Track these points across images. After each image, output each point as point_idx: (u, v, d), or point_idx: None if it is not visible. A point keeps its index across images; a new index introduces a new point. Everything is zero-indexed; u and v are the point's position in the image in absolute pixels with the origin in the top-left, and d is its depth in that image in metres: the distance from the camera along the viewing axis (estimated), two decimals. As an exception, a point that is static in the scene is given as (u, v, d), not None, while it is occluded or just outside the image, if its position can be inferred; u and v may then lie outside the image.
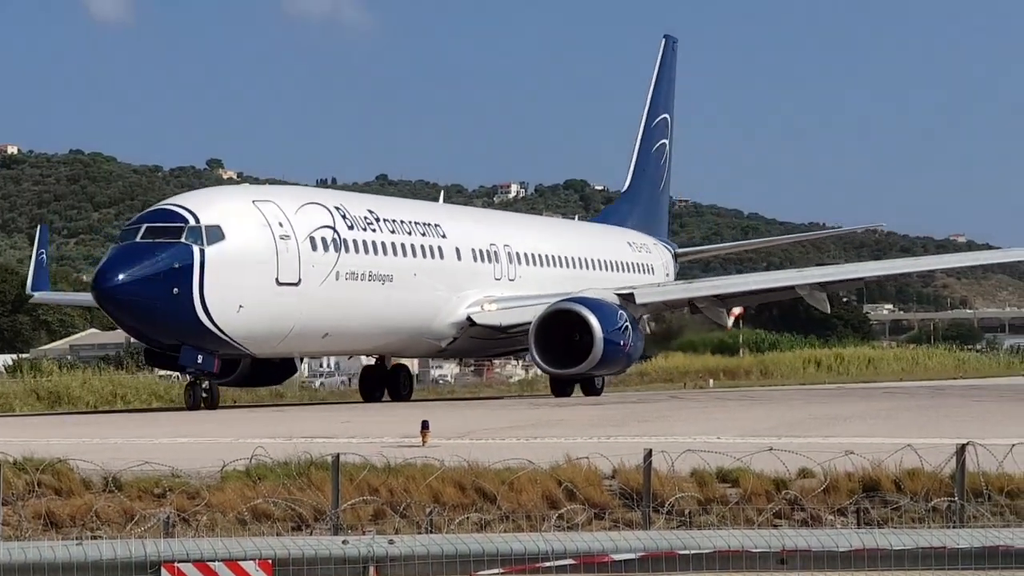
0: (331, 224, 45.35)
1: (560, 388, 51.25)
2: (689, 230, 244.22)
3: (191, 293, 40.78)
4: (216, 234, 41.49)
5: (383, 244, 47.48)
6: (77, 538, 14.71)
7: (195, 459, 19.10)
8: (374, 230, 47.24)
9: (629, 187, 71.06)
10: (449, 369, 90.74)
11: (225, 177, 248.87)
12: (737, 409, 35.75)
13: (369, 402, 50.28)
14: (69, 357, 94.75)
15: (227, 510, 16.57)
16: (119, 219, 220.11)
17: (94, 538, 14.60)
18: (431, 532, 14.89)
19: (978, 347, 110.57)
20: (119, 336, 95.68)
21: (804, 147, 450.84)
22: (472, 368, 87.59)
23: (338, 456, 16.33)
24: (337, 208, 45.91)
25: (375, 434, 26.72)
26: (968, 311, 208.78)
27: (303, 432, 26.83)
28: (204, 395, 41.82)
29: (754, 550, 13.12)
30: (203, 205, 42.60)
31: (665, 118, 72.10)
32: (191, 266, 40.86)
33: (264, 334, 42.90)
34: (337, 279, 44.58)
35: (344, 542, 12.80)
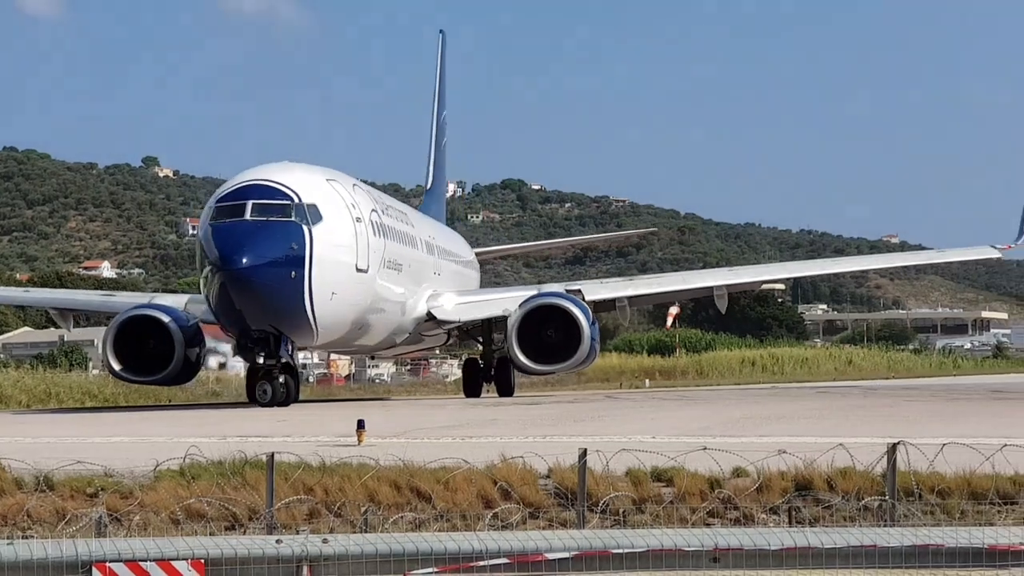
0: (376, 208, 44.29)
1: (473, 388, 51.27)
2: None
3: (303, 277, 38.95)
4: (316, 214, 39.64)
5: (402, 233, 46.88)
6: (8, 538, 14.60)
7: (129, 458, 18.98)
8: (391, 217, 46.35)
9: (432, 184, 70.56)
10: (385, 368, 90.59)
11: (161, 175, 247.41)
12: (673, 409, 35.88)
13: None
14: (1, 356, 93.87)
15: (160, 510, 16.46)
16: (53, 217, 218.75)
17: (25, 538, 14.47)
18: (366, 531, 14.85)
19: (910, 347, 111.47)
20: (52, 335, 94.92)
21: (742, 148, 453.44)
22: (408, 368, 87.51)
23: (272, 455, 16.27)
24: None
25: (311, 433, 26.64)
26: (901, 312, 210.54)
27: (238, 431, 26.71)
28: (283, 389, 39.57)
29: (687, 549, 13.20)
30: (295, 182, 40.34)
31: (446, 114, 71.23)
32: (304, 248, 39.02)
33: (337, 324, 41.36)
34: (382, 268, 43.29)
35: (278, 541, 12.78)
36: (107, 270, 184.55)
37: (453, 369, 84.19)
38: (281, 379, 39.48)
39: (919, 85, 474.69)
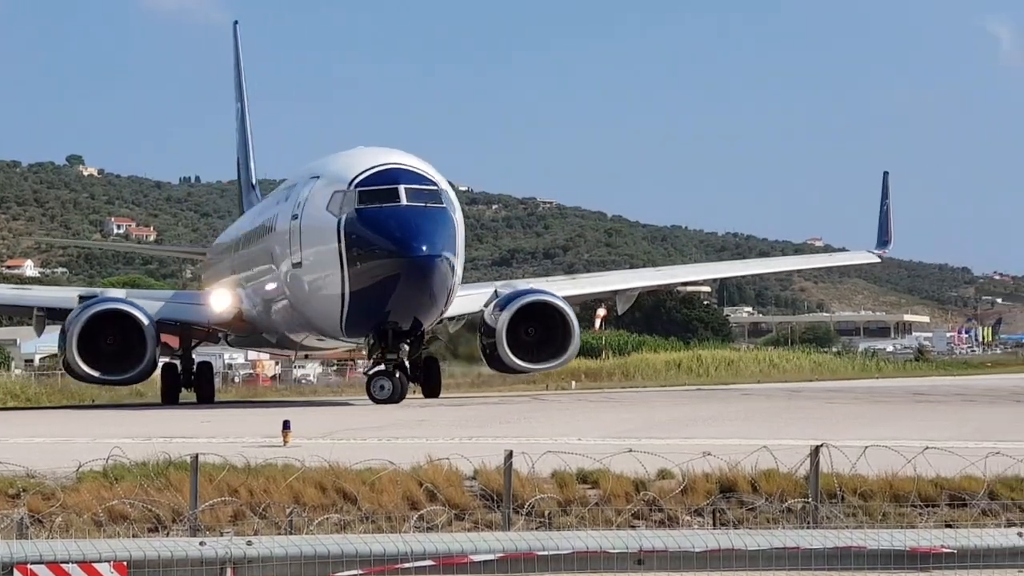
0: None
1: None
2: (553, 231, 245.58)
3: (453, 266, 37.51)
4: (450, 202, 38.29)
5: None
6: (-73, 540, 14.40)
7: (51, 459, 18.79)
8: None
9: (257, 179, 68.96)
10: (312, 369, 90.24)
11: (86, 174, 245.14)
12: (598, 411, 35.95)
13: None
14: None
15: (83, 511, 16.30)
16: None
17: (-55, 540, 14.28)
18: (290, 533, 14.78)
19: (834, 350, 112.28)
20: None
21: (669, 150, 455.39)
22: (335, 368, 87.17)
23: (196, 457, 16.14)
24: None
25: (236, 434, 26.48)
26: (825, 315, 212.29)
27: (162, 432, 26.51)
28: (400, 385, 38.49)
29: (612, 551, 13.23)
30: (424, 167, 38.75)
31: (241, 105, 68.43)
32: (455, 236, 37.74)
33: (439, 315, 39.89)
34: None
35: (201, 543, 12.69)
36: (30, 269, 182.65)
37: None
38: (398, 374, 38.29)
39: (843, 88, 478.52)
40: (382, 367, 38.19)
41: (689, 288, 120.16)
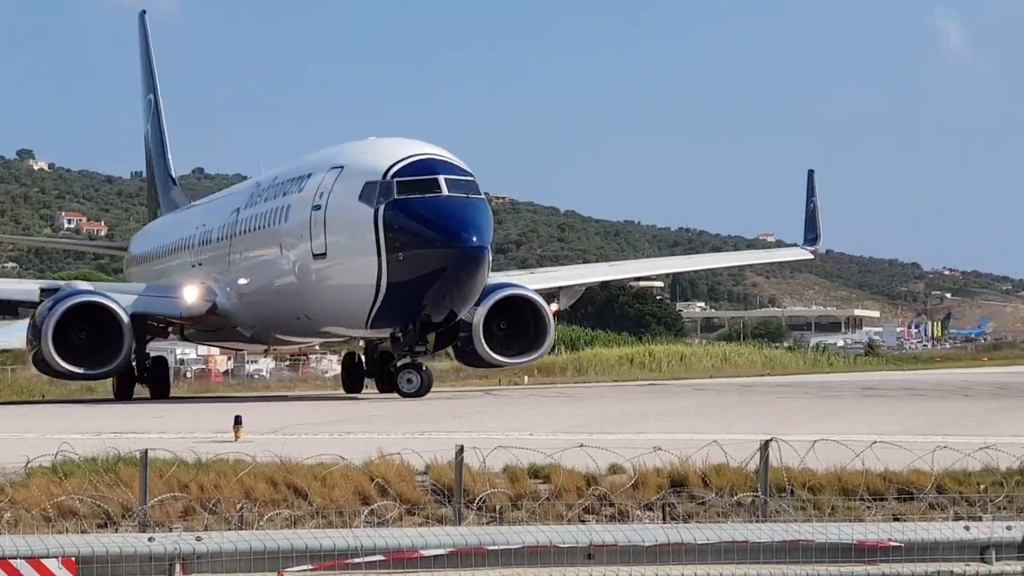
0: None
1: (353, 384, 49.80)
2: (506, 227, 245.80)
3: (489, 258, 37.31)
4: (481, 193, 38.09)
5: None
6: None
7: None
8: None
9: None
10: (264, 364, 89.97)
11: (36, 168, 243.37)
12: (551, 406, 35.99)
13: None
14: None
15: (32, 507, 16.21)
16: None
17: None
18: (241, 529, 14.73)
19: (785, 345, 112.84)
20: None
21: (622, 145, 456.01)
22: (287, 363, 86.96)
23: (146, 452, 16.07)
24: None
25: (187, 429, 26.38)
26: (776, 310, 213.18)
27: (113, 428, 26.38)
28: (426, 378, 37.89)
29: (562, 545, 13.29)
30: (451, 155, 38.28)
31: (151, 97, 67.74)
32: (491, 226, 37.61)
33: None
34: None
35: (150, 539, 12.68)
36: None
37: (333, 364, 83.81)
38: (424, 367, 37.88)
39: (795, 84, 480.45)
40: (408, 360, 37.70)
41: (642, 283, 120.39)
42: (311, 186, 39.08)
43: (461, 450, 16.46)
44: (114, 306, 42.05)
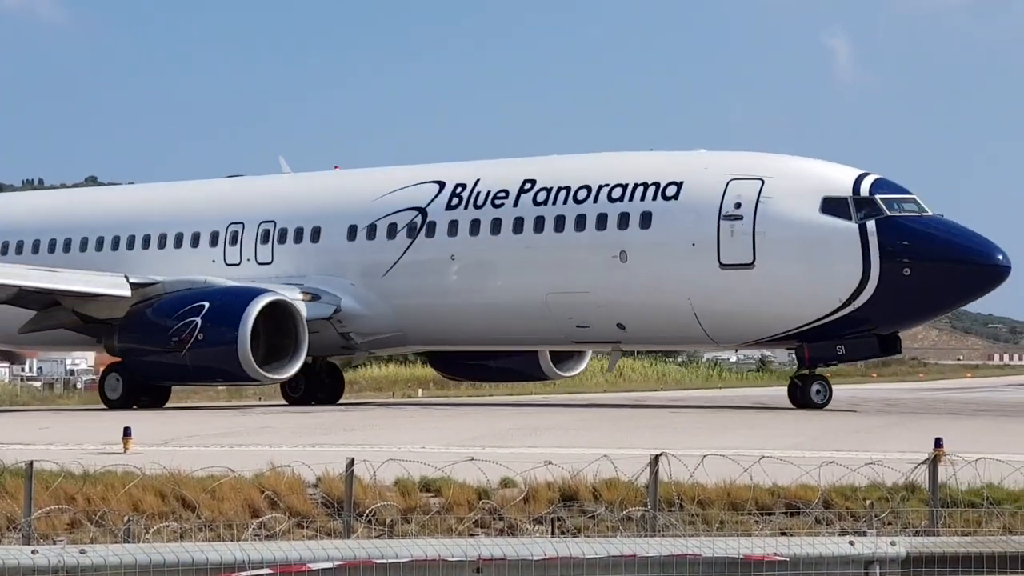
0: None
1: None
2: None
3: None
4: None
5: None
6: None
7: None
8: None
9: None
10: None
11: None
12: (444, 419, 35.95)
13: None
14: None
15: (-88, 519, 15.95)
16: None
17: None
18: (127, 541, 14.57)
19: (679, 360, 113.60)
20: None
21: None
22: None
23: (31, 463, 15.89)
24: None
25: (75, 440, 26.06)
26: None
27: (-1, 438, 26.02)
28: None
29: (451, 559, 13.29)
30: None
31: None
32: None
33: None
34: None
35: (33, 552, 12.52)
36: None
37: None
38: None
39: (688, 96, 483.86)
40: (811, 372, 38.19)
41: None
42: (698, 196, 37.76)
43: (351, 463, 16.43)
44: (299, 309, 39.87)
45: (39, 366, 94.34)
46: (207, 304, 39.29)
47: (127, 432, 23.73)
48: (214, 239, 43.69)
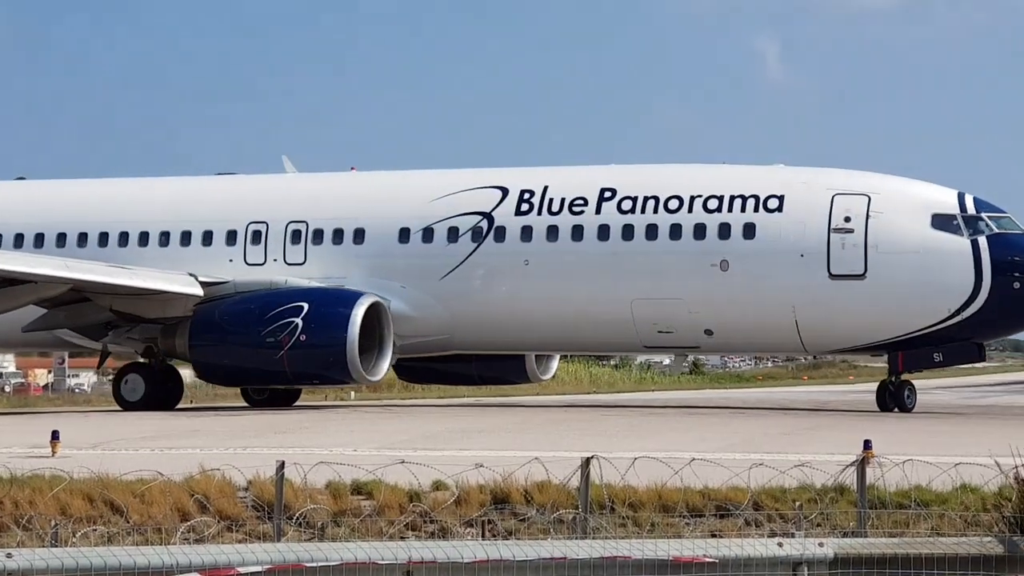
0: None
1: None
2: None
3: None
4: None
5: None
6: None
7: None
8: None
9: None
10: (86, 378, 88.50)
11: None
12: (376, 422, 35.90)
13: None
14: None
15: None
16: None
17: None
18: (54, 546, 14.47)
19: (612, 363, 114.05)
20: None
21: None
22: (109, 377, 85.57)
23: (-42, 467, 15.75)
24: None
25: (2, 444, 25.82)
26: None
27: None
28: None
29: (381, 562, 13.32)
30: None
31: None
32: None
33: None
34: None
35: (-42, 557, 12.39)
36: None
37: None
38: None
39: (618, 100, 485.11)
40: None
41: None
42: (804, 209, 38.75)
43: (282, 466, 16.40)
44: (385, 303, 39.86)
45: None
46: (306, 305, 38.96)
47: (55, 435, 23.53)
48: (231, 238, 42.60)
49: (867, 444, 19.53)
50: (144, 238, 43.44)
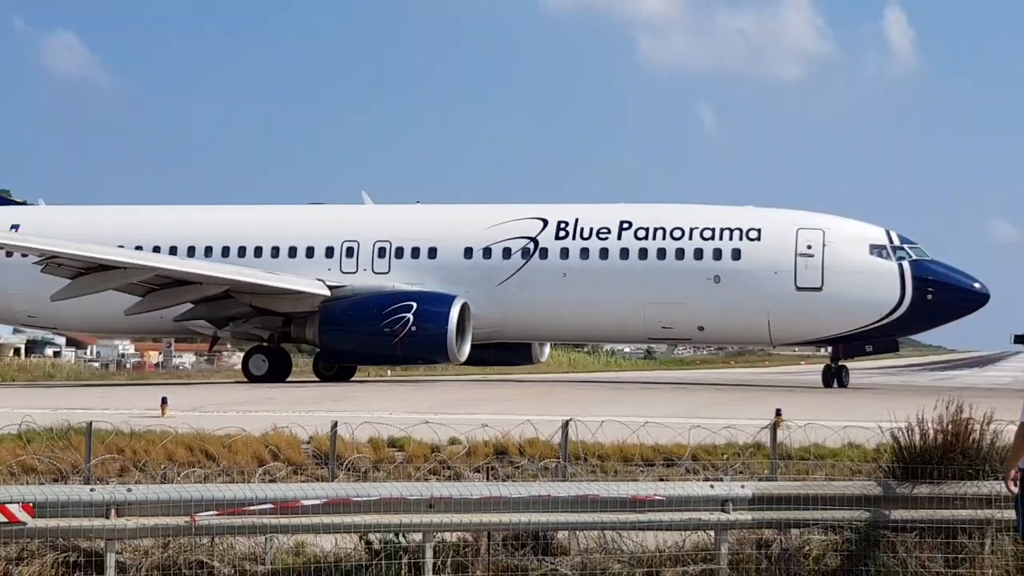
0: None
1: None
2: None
3: None
4: None
5: None
6: None
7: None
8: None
9: None
10: (187, 357, 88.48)
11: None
12: (407, 393, 35.83)
13: None
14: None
15: (0, 465, 15.81)
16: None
17: None
18: (163, 483, 14.52)
19: (585, 350, 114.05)
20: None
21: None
22: (205, 357, 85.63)
23: (91, 423, 15.80)
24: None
25: (124, 407, 25.83)
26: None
27: (67, 405, 25.75)
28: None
29: (410, 497, 13.34)
30: None
31: None
32: None
33: None
34: None
35: (92, 490, 12.52)
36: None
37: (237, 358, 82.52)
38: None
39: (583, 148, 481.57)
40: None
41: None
42: (776, 239, 39.27)
43: (335, 425, 16.44)
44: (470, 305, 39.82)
45: (98, 351, 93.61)
46: (415, 304, 39.26)
47: (164, 401, 23.57)
48: (329, 252, 42.39)
49: (778, 412, 19.53)
50: (258, 251, 43.22)
